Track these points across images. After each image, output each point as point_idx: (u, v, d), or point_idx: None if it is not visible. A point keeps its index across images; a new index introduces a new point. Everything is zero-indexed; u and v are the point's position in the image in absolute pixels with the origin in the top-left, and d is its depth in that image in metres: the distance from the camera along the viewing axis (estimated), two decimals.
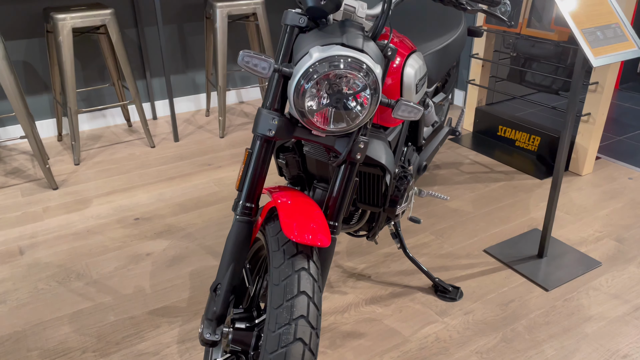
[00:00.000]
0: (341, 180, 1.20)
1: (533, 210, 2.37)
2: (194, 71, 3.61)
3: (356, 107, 1.07)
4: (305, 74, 1.04)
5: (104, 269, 2.01)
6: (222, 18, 2.98)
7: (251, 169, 1.16)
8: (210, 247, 2.14)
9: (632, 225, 2.24)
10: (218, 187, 2.63)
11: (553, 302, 1.81)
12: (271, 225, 1.15)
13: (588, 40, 1.56)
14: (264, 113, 1.12)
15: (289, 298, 1.00)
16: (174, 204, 2.48)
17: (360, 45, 1.06)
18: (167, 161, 2.92)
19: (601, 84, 2.49)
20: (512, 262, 2.01)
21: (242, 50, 1.06)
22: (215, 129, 3.37)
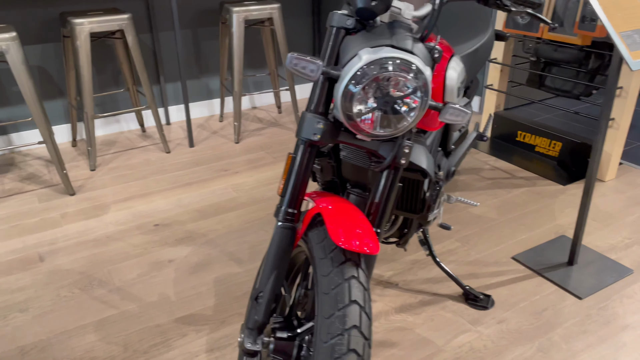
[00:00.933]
0: (384, 186, 1.17)
1: (558, 217, 2.33)
2: (207, 76, 3.59)
3: (405, 110, 1.04)
4: (355, 76, 1.01)
5: (126, 276, 1.98)
6: (238, 23, 2.96)
7: (294, 174, 1.13)
8: (232, 254, 2.10)
9: None
10: (236, 192, 2.59)
11: (587, 310, 1.77)
12: (315, 232, 1.11)
13: (627, 44, 1.53)
14: (309, 117, 1.09)
15: (341, 307, 0.96)
16: (192, 210, 2.44)
17: (410, 46, 1.04)
18: (183, 167, 2.89)
19: (626, 89, 2.46)
20: (541, 270, 1.97)
21: (290, 53, 1.03)
22: (230, 134, 3.34)
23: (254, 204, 2.48)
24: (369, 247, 1.00)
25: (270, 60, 3.44)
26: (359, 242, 1.01)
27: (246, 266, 2.03)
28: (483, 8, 2.02)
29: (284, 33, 3.10)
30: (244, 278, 1.96)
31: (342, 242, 1.00)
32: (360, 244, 1.00)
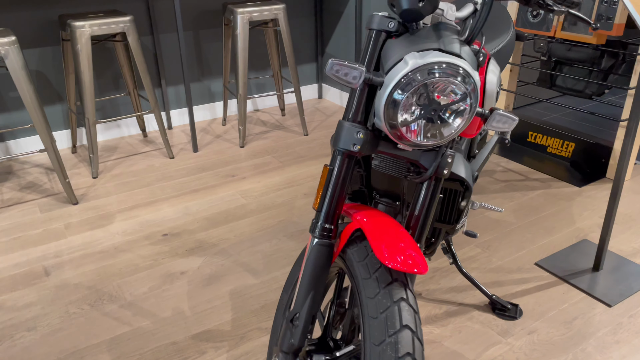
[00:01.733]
0: (424, 197, 1.10)
1: (578, 220, 2.28)
2: (210, 79, 3.50)
3: (453, 118, 0.97)
4: (400, 82, 0.94)
5: (137, 290, 1.90)
6: (243, 24, 2.88)
7: (331, 187, 1.05)
8: (246, 264, 2.03)
9: None
10: (245, 199, 2.52)
11: (618, 318, 1.72)
12: (354, 248, 1.04)
13: None
14: (347, 126, 1.02)
15: (392, 333, 0.90)
16: (201, 218, 2.36)
17: (457, 50, 0.97)
18: (189, 172, 2.81)
19: None
20: (567, 276, 1.91)
21: (332, 59, 0.96)
22: (234, 138, 3.26)
23: (264, 211, 2.40)
24: (417, 266, 0.94)
25: (274, 62, 3.36)
26: (406, 261, 0.94)
27: (262, 277, 1.95)
28: (502, 8, 1.96)
29: (289, 34, 3.03)
30: (260, 290, 1.88)
31: (388, 262, 0.93)
32: (408, 263, 0.93)
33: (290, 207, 2.43)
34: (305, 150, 3.03)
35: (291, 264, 2.02)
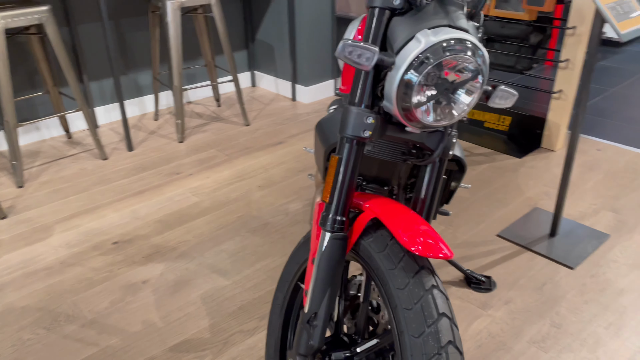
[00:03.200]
0: (429, 179, 1.08)
1: (525, 190, 2.39)
2: (135, 72, 3.27)
3: (466, 96, 0.95)
4: (413, 62, 0.90)
5: (97, 306, 1.73)
6: (174, 11, 2.70)
7: (341, 177, 1.00)
8: (213, 266, 1.92)
9: (619, 195, 2.33)
10: (197, 197, 2.38)
11: (582, 279, 1.82)
12: (369, 240, 1.00)
13: (612, 15, 1.55)
14: (356, 111, 0.96)
15: (430, 323, 0.86)
16: (153, 221, 2.21)
17: (466, 26, 0.94)
18: (128, 173, 2.61)
19: (572, 60, 2.56)
20: (528, 244, 2.00)
21: (344, 40, 0.89)
22: (171, 133, 3.08)
23: (220, 208, 2.29)
24: (442, 252, 0.91)
25: (206, 50, 3.20)
26: (431, 246, 0.91)
27: (232, 277, 1.86)
28: None
29: (223, 20, 2.88)
30: (233, 291, 1.79)
31: (415, 249, 0.89)
32: (433, 248, 0.90)
33: (247, 202, 2.33)
34: (250, 141, 2.93)
35: (260, 261, 1.94)
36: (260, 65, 3.75)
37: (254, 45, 3.72)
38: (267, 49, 3.62)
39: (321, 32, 3.38)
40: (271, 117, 3.27)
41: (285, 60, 3.51)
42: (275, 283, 1.82)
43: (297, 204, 2.30)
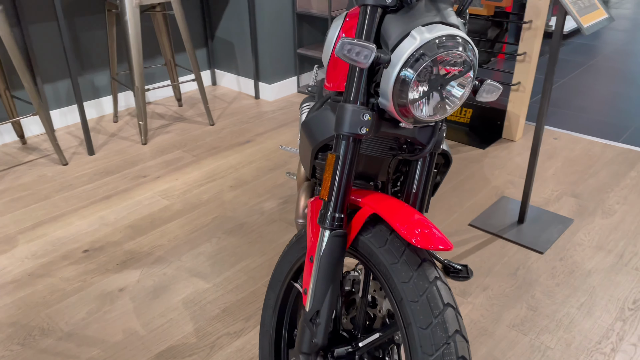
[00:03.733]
0: (421, 173, 1.10)
1: (491, 179, 2.47)
2: (91, 72, 3.15)
3: (459, 90, 0.97)
4: (409, 59, 0.91)
5: (73, 317, 1.67)
6: (132, 9, 2.62)
7: (338, 175, 1.00)
8: (192, 269, 1.88)
9: (578, 180, 2.44)
10: (167, 200, 2.33)
11: (552, 263, 1.90)
12: (368, 235, 1.01)
13: (575, 10, 1.63)
14: (352, 109, 0.97)
15: (437, 314, 0.88)
16: (123, 226, 2.14)
17: (456, 22, 0.96)
18: (91, 179, 2.52)
19: (529, 53, 2.66)
20: (499, 232, 2.07)
21: (343, 38, 0.89)
22: (132, 135, 2.99)
23: (192, 210, 2.25)
24: (443, 243, 0.93)
25: (166, 49, 3.12)
26: (432, 239, 0.93)
27: (213, 280, 1.83)
28: None
29: (184, 18, 2.82)
30: (215, 294, 1.77)
31: (417, 243, 0.91)
32: (434, 241, 0.92)
33: (220, 203, 2.30)
34: (216, 141, 2.89)
35: (240, 262, 1.92)
36: (221, 63, 3.70)
37: (213, 43, 3.66)
38: (228, 47, 3.57)
39: (282, 29, 3.37)
40: (235, 115, 3.23)
41: (247, 58, 3.48)
42: (257, 283, 1.81)
43: (272, 202, 2.29)
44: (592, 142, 2.82)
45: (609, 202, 2.26)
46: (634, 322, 1.62)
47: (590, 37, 4.93)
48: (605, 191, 2.35)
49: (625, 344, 1.55)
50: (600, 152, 2.71)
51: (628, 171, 2.51)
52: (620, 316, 1.65)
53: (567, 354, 1.52)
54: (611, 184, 2.41)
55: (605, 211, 2.20)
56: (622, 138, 2.89)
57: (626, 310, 1.67)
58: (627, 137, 2.90)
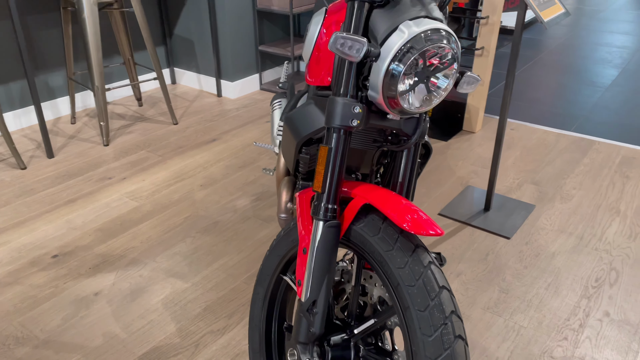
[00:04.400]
0: (406, 163, 1.14)
1: (456, 170, 2.56)
2: (45, 73, 3.04)
3: (445, 81, 1.01)
4: (399, 52, 0.95)
5: (48, 324, 1.62)
6: (90, 6, 2.55)
7: (331, 166, 1.03)
8: (169, 270, 1.86)
9: (536, 169, 2.57)
10: (136, 201, 2.28)
11: (519, 247, 1.99)
12: (361, 225, 1.04)
13: (536, 5, 1.71)
14: (343, 102, 0.99)
15: (434, 297, 0.92)
16: (92, 230, 2.09)
17: (440, 16, 1.01)
18: (53, 182, 2.44)
19: (487, 48, 2.76)
20: (468, 220, 2.15)
21: (336, 32, 0.91)
22: (93, 136, 2.91)
23: (163, 210, 2.21)
24: (434, 228, 0.97)
25: (124, 48, 3.05)
26: (424, 225, 0.96)
27: (191, 279, 1.82)
28: None
29: (144, 15, 2.77)
30: (195, 293, 1.75)
31: (411, 229, 0.95)
32: (427, 227, 0.96)
33: (191, 202, 2.27)
34: (182, 140, 2.85)
35: (217, 260, 1.91)
36: (180, 61, 3.64)
37: (171, 41, 3.60)
38: (187, 45, 3.52)
39: (243, 26, 3.35)
40: (199, 114, 3.19)
41: (208, 56, 3.44)
42: (237, 280, 1.81)
43: (244, 200, 2.29)
44: (546, 132, 2.96)
45: (566, 188, 2.39)
46: (597, 299, 1.73)
47: (536, 32, 5.15)
48: (562, 178, 2.47)
49: (592, 319, 1.65)
50: (555, 141, 2.85)
51: (581, 158, 2.65)
52: (584, 294, 1.75)
53: (540, 332, 1.60)
54: (567, 170, 2.54)
55: (564, 196, 2.32)
56: (574, 127, 3.05)
57: (590, 288, 1.78)
58: (578, 126, 3.07)
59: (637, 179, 2.45)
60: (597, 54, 4.44)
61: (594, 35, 5.02)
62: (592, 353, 1.52)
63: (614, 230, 2.08)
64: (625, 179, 2.45)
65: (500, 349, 1.54)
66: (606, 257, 1.93)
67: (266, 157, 2.65)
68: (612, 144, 2.80)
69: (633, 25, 5.39)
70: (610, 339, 1.57)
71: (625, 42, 4.77)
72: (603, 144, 2.80)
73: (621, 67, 4.08)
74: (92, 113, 3.21)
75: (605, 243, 2.00)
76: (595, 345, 1.55)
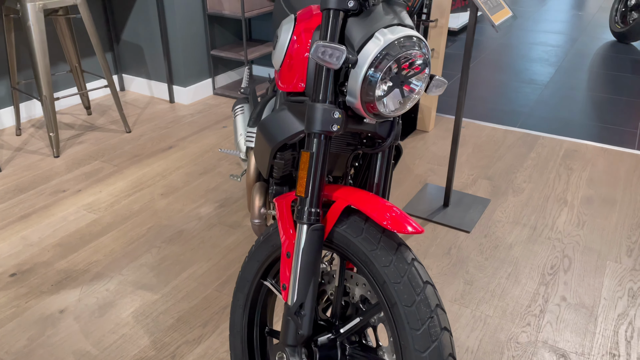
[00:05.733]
0: (381, 165, 1.18)
1: (413, 168, 2.64)
2: None
3: (418, 85, 1.06)
4: (375, 59, 0.98)
5: (13, 346, 1.55)
6: (36, 13, 2.45)
7: (313, 171, 1.05)
8: (136, 282, 1.82)
9: (488, 164, 2.69)
10: (94, 213, 2.22)
11: (478, 240, 2.09)
12: (343, 227, 1.07)
13: (487, 9, 1.80)
14: (322, 108, 1.02)
15: (419, 292, 0.96)
16: (50, 245, 2.01)
17: (411, 23, 1.05)
18: (3, 198, 2.33)
19: (437, 50, 2.87)
20: (429, 216, 2.23)
21: (317, 42, 0.94)
22: (41, 148, 2.79)
23: (124, 222, 2.16)
24: (415, 227, 1.01)
25: (71, 55, 2.94)
26: (405, 224, 1.00)
27: (161, 290, 1.79)
28: None
29: (92, 21, 2.68)
30: (166, 304, 1.73)
31: (393, 228, 0.99)
32: (408, 226, 1.00)
33: (152, 212, 2.23)
34: (137, 149, 2.78)
35: (186, 269, 1.89)
36: (128, 67, 3.55)
37: (119, 47, 3.51)
38: (136, 50, 3.44)
39: (194, 31, 3.31)
40: (152, 121, 3.13)
41: (159, 61, 3.37)
42: (208, 289, 1.80)
43: (208, 207, 2.27)
44: (494, 129, 3.10)
45: (517, 182, 2.51)
46: (554, 285, 1.84)
47: (477, 33, 5.37)
48: (512, 172, 2.60)
49: (551, 304, 1.75)
50: (503, 137, 2.99)
51: (528, 153, 2.80)
52: (542, 281, 1.86)
53: (505, 320, 1.69)
54: (516, 165, 2.67)
55: (515, 190, 2.45)
56: (518, 124, 3.21)
57: (546, 275, 1.89)
58: (522, 122, 3.23)
59: (579, 170, 2.62)
60: (534, 53, 4.69)
61: (530, 35, 5.29)
62: (554, 336, 1.62)
63: (563, 220, 2.21)
64: (569, 171, 2.61)
65: (470, 339, 1.61)
66: (559, 246, 2.05)
67: (227, 162, 2.64)
68: (556, 138, 2.97)
69: (565, 25, 5.73)
70: (569, 322, 1.68)
71: (559, 41, 5.06)
72: (547, 138, 2.97)
73: (557, 65, 4.32)
74: (38, 123, 3.08)
75: (557, 232, 2.13)
76: (556, 329, 1.65)
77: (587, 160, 2.71)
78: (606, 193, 2.41)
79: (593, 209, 2.29)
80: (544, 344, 1.59)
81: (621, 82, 3.91)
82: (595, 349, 1.58)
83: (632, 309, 1.73)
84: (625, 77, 4.02)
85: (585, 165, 2.66)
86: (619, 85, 3.85)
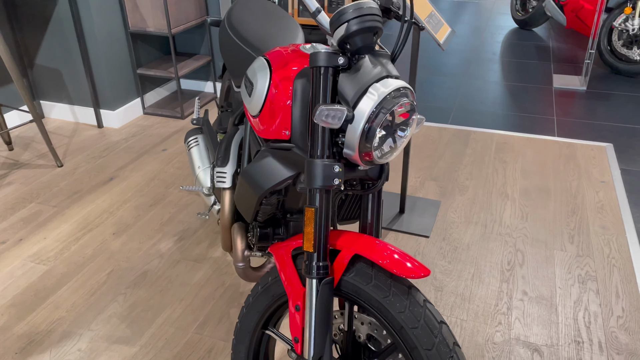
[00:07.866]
0: (372, 205, 1.22)
1: None
2: None
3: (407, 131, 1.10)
4: (373, 113, 1.01)
5: None
6: None
7: (318, 226, 1.06)
8: (109, 336, 1.74)
9: (431, 165, 2.82)
10: (44, 264, 2.07)
11: (438, 244, 2.19)
12: (351, 275, 1.09)
13: (430, 27, 1.88)
14: (322, 164, 1.03)
15: (437, 334, 1.01)
16: (3, 307, 1.86)
17: (396, 73, 1.09)
18: None
19: None
20: (389, 225, 2.30)
21: (321, 106, 0.95)
22: None
23: (80, 269, 2.04)
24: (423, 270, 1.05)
25: None
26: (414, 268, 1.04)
27: (138, 341, 1.72)
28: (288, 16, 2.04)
29: (6, 47, 2.47)
30: (146, 356, 1.67)
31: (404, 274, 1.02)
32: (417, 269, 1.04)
33: (108, 254, 2.12)
34: (74, 184, 2.61)
35: (160, 315, 1.83)
36: (46, 93, 3.31)
37: (33, 72, 3.25)
38: (53, 74, 3.21)
39: (117, 50, 3.15)
40: (84, 151, 2.95)
41: (81, 85, 3.17)
42: (188, 332, 1.75)
43: (167, 242, 2.19)
44: (429, 128, 3.24)
45: (460, 180, 2.66)
46: (514, 281, 1.98)
47: (385, 29, 5.54)
48: (454, 170, 2.75)
49: (515, 300, 1.89)
50: (438, 135, 3.14)
51: (464, 149, 2.97)
52: (503, 278, 2.00)
53: (478, 322, 1.80)
54: (456, 163, 2.82)
55: (461, 188, 2.59)
56: (450, 120, 3.38)
57: (505, 272, 2.03)
58: (453, 118, 3.41)
59: (512, 162, 2.81)
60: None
61: None
62: (524, 332, 1.76)
63: (509, 214, 2.38)
64: (504, 164, 2.80)
65: None
66: (510, 240, 2.21)
67: (175, 190, 2.55)
68: (486, 132, 3.16)
69: (467, 16, 6.04)
70: (535, 316, 1.82)
71: (465, 31, 5.34)
72: (478, 132, 3.16)
73: (469, 56, 4.58)
74: None
75: (505, 227, 2.29)
76: (524, 324, 1.79)
77: (517, 152, 2.91)
78: (540, 183, 2.62)
79: (532, 200, 2.48)
80: (517, 340, 1.72)
81: (530, 70, 4.22)
82: (561, 339, 1.73)
83: (584, 295, 1.91)
84: (533, 64, 4.34)
85: (516, 157, 2.86)
86: (529, 73, 4.15)
